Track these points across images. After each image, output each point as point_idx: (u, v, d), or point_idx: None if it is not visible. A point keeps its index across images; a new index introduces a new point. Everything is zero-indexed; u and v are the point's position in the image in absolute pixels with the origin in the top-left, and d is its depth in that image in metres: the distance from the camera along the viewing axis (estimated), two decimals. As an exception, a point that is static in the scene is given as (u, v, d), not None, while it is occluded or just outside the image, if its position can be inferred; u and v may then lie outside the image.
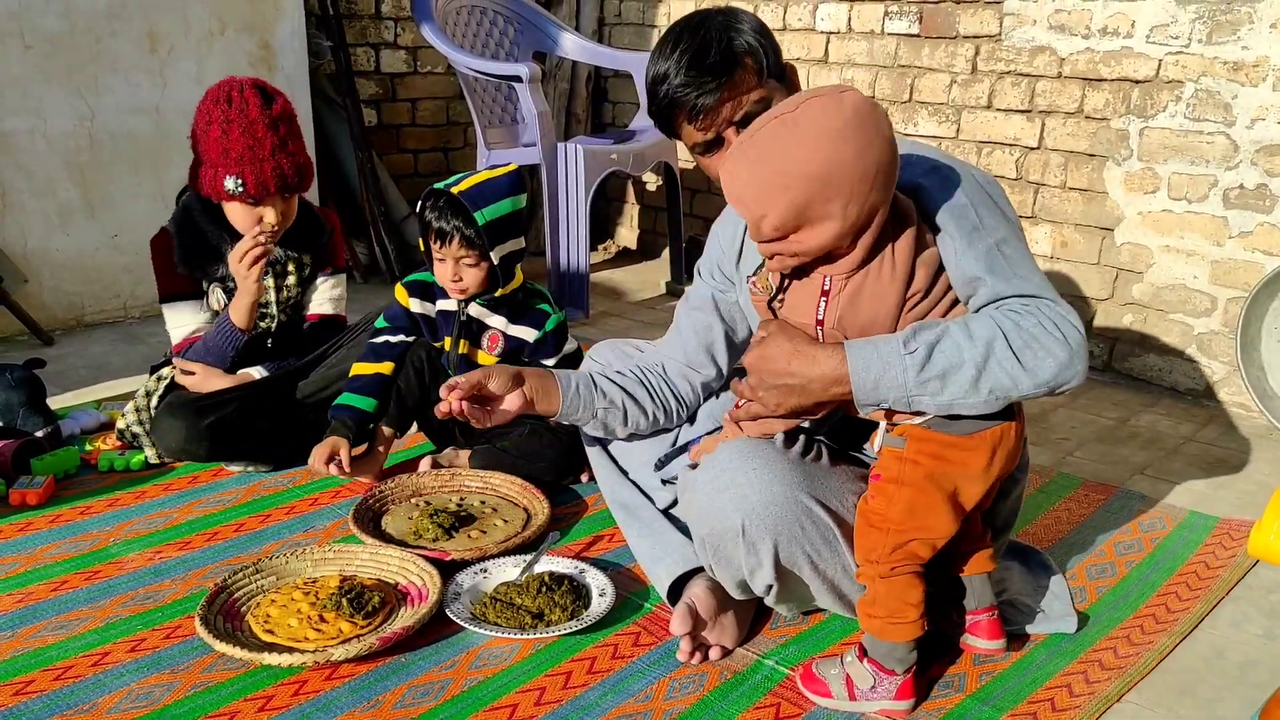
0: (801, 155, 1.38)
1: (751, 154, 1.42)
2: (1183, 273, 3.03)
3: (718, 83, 1.63)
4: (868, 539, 1.55)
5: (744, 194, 1.44)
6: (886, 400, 1.46)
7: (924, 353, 1.41)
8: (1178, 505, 2.36)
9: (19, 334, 3.28)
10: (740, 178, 1.44)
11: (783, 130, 1.40)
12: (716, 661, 1.72)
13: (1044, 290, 1.47)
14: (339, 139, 4.06)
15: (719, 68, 1.63)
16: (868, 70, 3.70)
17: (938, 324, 1.44)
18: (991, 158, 3.41)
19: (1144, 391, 3.13)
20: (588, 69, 4.60)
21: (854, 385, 1.45)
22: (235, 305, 2.37)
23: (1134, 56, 3.02)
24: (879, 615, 1.55)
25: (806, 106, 1.39)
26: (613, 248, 4.88)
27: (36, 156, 3.24)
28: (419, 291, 2.39)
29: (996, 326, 1.41)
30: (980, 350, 1.40)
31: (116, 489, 2.29)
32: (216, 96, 2.28)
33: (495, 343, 2.35)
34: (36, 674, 1.64)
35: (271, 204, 2.31)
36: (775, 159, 1.40)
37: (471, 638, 1.77)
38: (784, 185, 1.39)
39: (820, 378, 1.48)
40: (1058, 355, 1.40)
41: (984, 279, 1.46)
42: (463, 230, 2.19)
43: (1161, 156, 3.02)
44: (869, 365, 1.44)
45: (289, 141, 2.30)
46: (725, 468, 1.58)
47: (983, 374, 1.41)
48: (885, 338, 1.45)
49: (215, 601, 1.79)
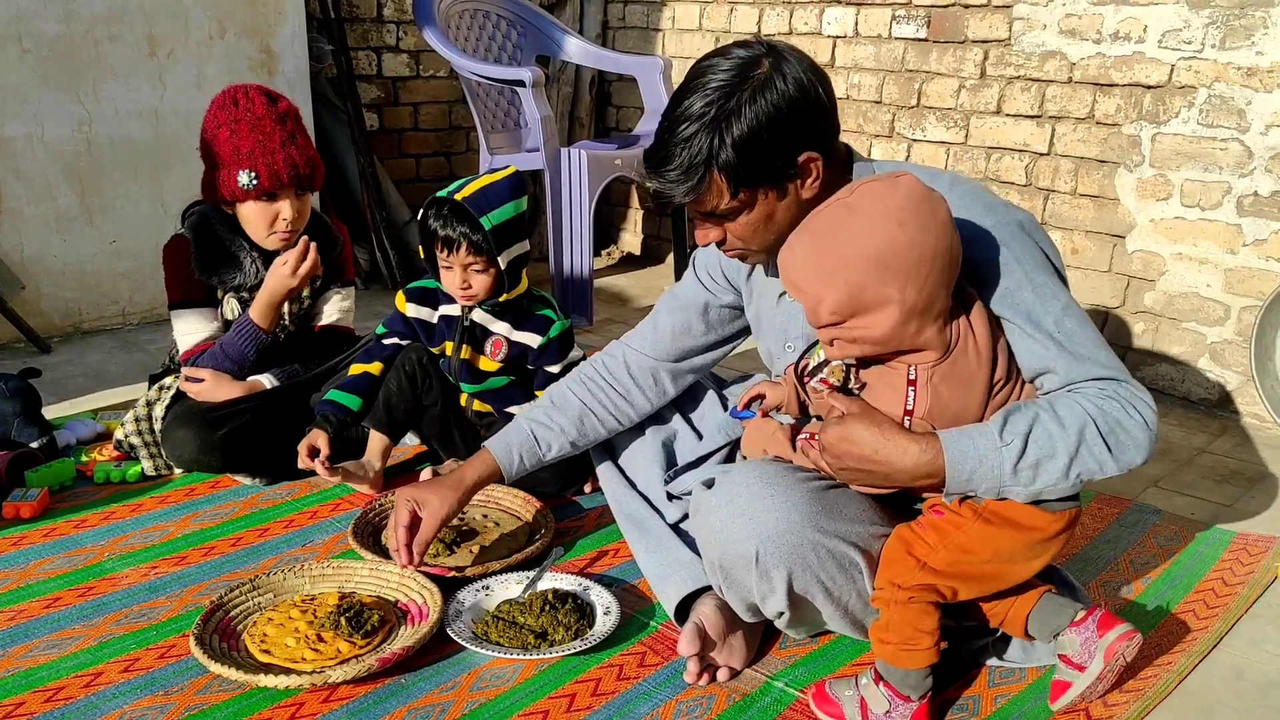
0: (858, 238, 1.38)
1: (808, 238, 1.42)
2: (1195, 281, 2.98)
3: (677, 189, 1.54)
4: (901, 565, 1.50)
5: (801, 277, 1.43)
6: (977, 490, 1.45)
7: (1020, 444, 1.41)
8: (1193, 519, 2.32)
9: (16, 341, 3.24)
10: (796, 261, 1.43)
11: (840, 214, 1.40)
12: (725, 683, 1.67)
13: (1113, 368, 1.47)
14: (340, 143, 4.02)
15: (682, 178, 1.53)
16: (874, 75, 3.66)
17: (1027, 409, 1.43)
18: (1000, 164, 3.36)
19: (1157, 401, 3.05)
20: (591, 73, 4.56)
21: (948, 478, 1.43)
22: (257, 304, 2.35)
23: (1146, 61, 2.98)
24: (891, 641, 1.51)
25: (863, 190, 1.40)
26: (616, 253, 4.84)
27: (34, 162, 3.20)
28: (418, 297, 2.36)
29: (1085, 413, 1.41)
30: (1073, 438, 1.41)
31: (112, 502, 2.25)
32: (222, 102, 2.29)
33: (499, 348, 2.32)
34: (27, 695, 1.60)
35: (286, 198, 2.30)
36: (832, 242, 1.39)
37: (473, 658, 1.72)
38: (841, 267, 1.38)
39: (909, 470, 1.45)
40: (1139, 440, 1.42)
41: (1055, 363, 1.46)
42: (469, 236, 2.16)
43: (1174, 163, 2.97)
44: (966, 458, 1.42)
45: (297, 135, 2.32)
46: (741, 493, 1.54)
47: (1074, 461, 1.41)
48: (979, 428, 1.44)
49: (211, 620, 1.74)
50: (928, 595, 1.49)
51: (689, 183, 1.52)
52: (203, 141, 2.33)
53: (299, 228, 2.36)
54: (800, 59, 1.54)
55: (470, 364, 2.32)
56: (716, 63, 1.53)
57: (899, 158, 3.64)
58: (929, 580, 1.48)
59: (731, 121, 1.49)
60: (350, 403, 2.32)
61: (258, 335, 2.36)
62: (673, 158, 1.52)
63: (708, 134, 1.50)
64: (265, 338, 2.38)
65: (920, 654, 1.50)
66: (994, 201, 1.57)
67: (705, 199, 1.55)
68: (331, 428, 2.29)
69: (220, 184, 2.30)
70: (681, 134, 1.51)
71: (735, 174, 1.51)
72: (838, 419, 1.49)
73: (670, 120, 1.54)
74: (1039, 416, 1.42)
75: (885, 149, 3.68)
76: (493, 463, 1.90)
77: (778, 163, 1.53)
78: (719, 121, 1.49)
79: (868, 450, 1.45)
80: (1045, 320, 1.47)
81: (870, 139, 3.72)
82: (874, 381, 1.50)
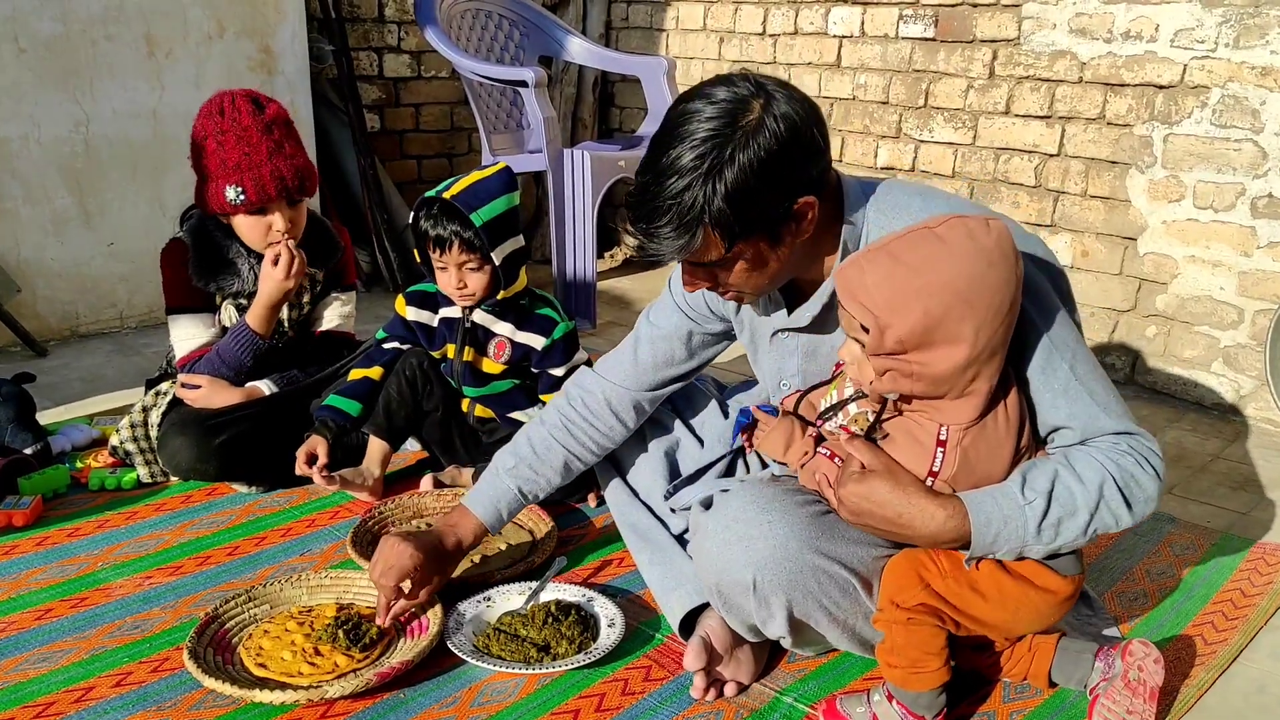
0: (946, 268, 1.31)
1: (885, 261, 1.34)
2: (1209, 284, 2.94)
3: (673, 249, 1.44)
4: (905, 582, 1.46)
5: (871, 300, 1.34)
6: (998, 552, 1.42)
7: (1042, 503, 1.38)
8: (1209, 527, 2.27)
9: (11, 345, 3.20)
10: (867, 284, 1.34)
11: (927, 241, 1.33)
12: (732, 698, 1.63)
13: (1126, 419, 1.45)
14: (341, 145, 3.98)
15: (673, 234, 1.42)
16: (881, 75, 3.62)
17: (1044, 466, 1.41)
18: (1009, 165, 3.32)
19: (1168, 406, 3.03)
20: (594, 74, 4.52)
21: (974, 543, 1.40)
22: (253, 310, 2.31)
23: (1158, 61, 2.94)
24: (898, 665, 1.47)
25: (953, 224, 1.34)
26: (620, 255, 4.79)
27: (30, 163, 3.16)
28: (418, 301, 2.33)
29: (1104, 469, 1.40)
30: (1094, 495, 1.39)
31: (107, 509, 2.21)
32: (209, 111, 2.24)
33: (502, 350, 2.28)
34: (16, 711, 1.56)
35: (277, 210, 2.26)
36: (915, 268, 1.32)
37: (474, 671, 1.68)
38: (922, 296, 1.31)
39: (933, 534, 1.41)
40: (1151, 493, 1.41)
41: (1069, 419, 1.44)
42: (460, 234, 2.12)
43: (1187, 164, 2.93)
44: (990, 521, 1.39)
45: (285, 144, 2.25)
46: (738, 518, 1.50)
47: (1093, 518, 1.40)
48: (1000, 488, 1.41)
49: (205, 632, 1.70)
50: (929, 618, 1.45)
51: (681, 240, 1.42)
52: (192, 150, 2.29)
53: (296, 235, 2.31)
54: (790, 95, 1.42)
55: (473, 367, 2.28)
56: (700, 108, 1.40)
57: (906, 159, 3.59)
58: (931, 602, 1.44)
59: (724, 172, 1.37)
60: (350, 408, 2.28)
61: (255, 341, 2.32)
62: (662, 213, 1.41)
63: (700, 187, 1.38)
64: (262, 344, 2.34)
65: (929, 675, 1.45)
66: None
67: (697, 254, 1.46)
68: (330, 434, 2.25)
69: (209, 197, 2.26)
70: (671, 189, 1.39)
71: (729, 228, 1.41)
72: (857, 473, 1.43)
73: (656, 173, 1.41)
74: (1059, 473, 1.40)
75: (892, 150, 3.63)
76: (479, 525, 1.81)
77: (772, 211, 1.42)
78: (711, 174, 1.38)
79: (890, 513, 1.41)
80: (1061, 365, 1.44)
81: (877, 140, 3.68)
82: (898, 435, 1.44)
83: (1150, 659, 1.52)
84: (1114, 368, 3.17)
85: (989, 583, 1.46)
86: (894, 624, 1.46)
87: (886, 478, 1.41)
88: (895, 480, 1.41)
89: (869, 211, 1.55)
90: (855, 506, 1.43)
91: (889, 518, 1.41)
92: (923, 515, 1.39)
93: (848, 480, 1.43)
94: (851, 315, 1.37)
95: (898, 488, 1.40)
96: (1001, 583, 1.46)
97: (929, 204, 1.53)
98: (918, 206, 1.53)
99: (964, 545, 1.42)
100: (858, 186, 1.56)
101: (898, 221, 1.50)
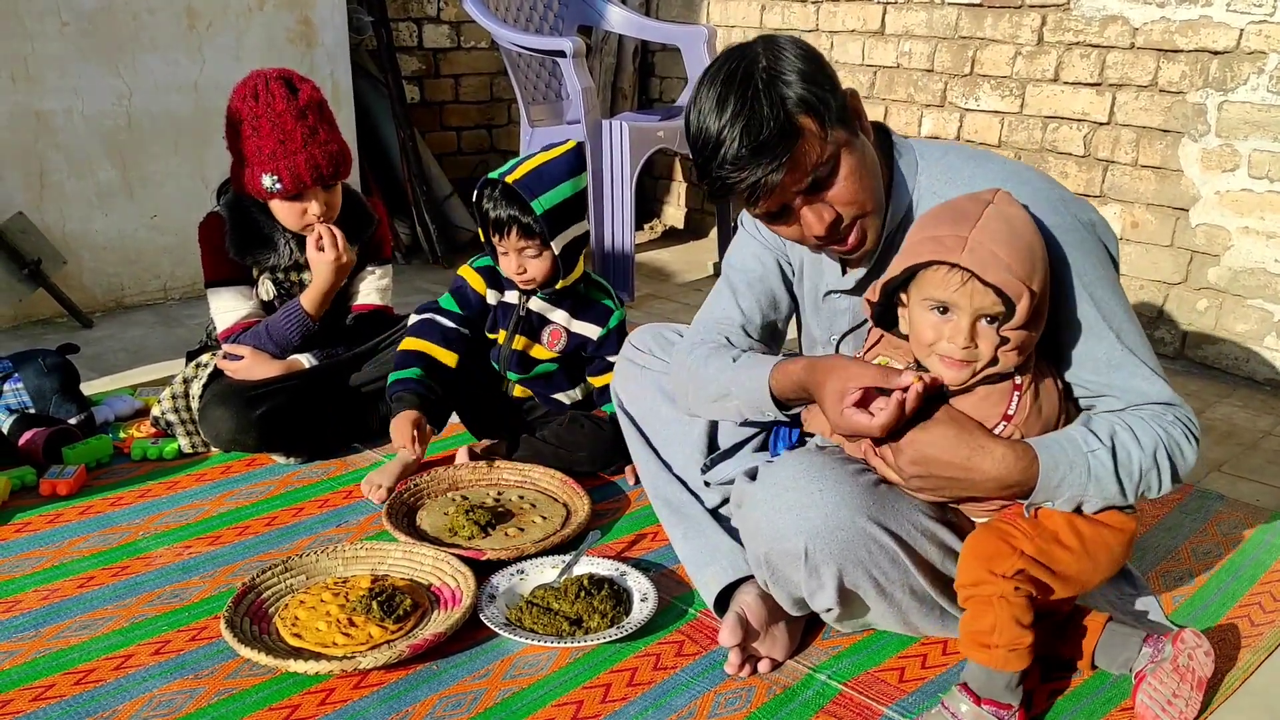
0: (1029, 235, 1.36)
1: (990, 234, 1.34)
2: (1263, 256, 2.85)
3: (778, 163, 1.38)
4: (996, 550, 1.42)
5: (1008, 273, 1.32)
6: (1056, 500, 1.42)
7: (1106, 455, 1.40)
8: (1259, 506, 2.21)
9: (59, 316, 3.25)
10: (1000, 256, 1.32)
11: (1001, 213, 1.37)
12: (765, 675, 1.62)
13: (1168, 391, 1.46)
14: (380, 116, 3.98)
15: (778, 144, 1.37)
16: (926, 42, 3.54)
17: (1102, 422, 1.43)
18: (1058, 133, 3.24)
19: (1219, 381, 2.96)
20: (635, 43, 4.47)
21: (1040, 485, 1.40)
22: (310, 293, 2.33)
23: (1213, 26, 2.84)
24: (999, 644, 1.41)
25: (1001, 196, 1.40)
26: (659, 227, 4.77)
27: (75, 136, 3.20)
28: (493, 280, 2.27)
29: (1157, 436, 1.41)
30: (1149, 458, 1.41)
31: (149, 479, 2.24)
32: (243, 94, 2.24)
33: (557, 339, 2.26)
34: (57, 677, 1.59)
35: (313, 196, 2.26)
36: (1019, 237, 1.35)
37: (506, 644, 1.68)
38: (1037, 257, 1.36)
39: (1000, 477, 1.40)
40: (1189, 461, 1.44)
41: (1117, 384, 1.45)
42: (520, 219, 2.09)
43: (1242, 132, 2.84)
44: (1058, 465, 1.39)
45: (319, 130, 2.24)
46: (789, 486, 1.48)
47: (1142, 479, 1.42)
48: (1065, 434, 1.43)
49: (242, 602, 1.72)
50: (1027, 586, 1.42)
51: (782, 136, 1.37)
52: (227, 130, 2.29)
53: (332, 216, 2.32)
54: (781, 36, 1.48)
55: (524, 354, 2.27)
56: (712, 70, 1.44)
57: (951, 129, 3.52)
58: (1026, 566, 1.42)
59: (776, 72, 1.39)
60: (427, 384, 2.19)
61: (306, 322, 2.33)
62: (747, 130, 1.37)
63: (766, 92, 1.38)
64: (314, 326, 2.35)
65: (1025, 652, 1.42)
66: (1057, 198, 1.49)
67: (803, 152, 1.39)
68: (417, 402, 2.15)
69: (246, 182, 2.26)
70: (740, 111, 1.37)
71: (815, 107, 1.39)
72: (920, 426, 1.41)
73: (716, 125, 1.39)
74: (1117, 431, 1.41)
75: (937, 119, 3.56)
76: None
77: (836, 96, 1.43)
78: (764, 78, 1.39)
79: (958, 457, 1.40)
80: (1108, 333, 1.44)
81: (921, 109, 3.61)
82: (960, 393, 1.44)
83: (1201, 650, 1.50)
84: (1164, 341, 3.10)
85: (1068, 532, 1.44)
86: (996, 597, 1.40)
87: (949, 424, 1.41)
88: (960, 426, 1.40)
89: (920, 178, 1.53)
90: (918, 454, 1.41)
91: (958, 464, 1.39)
92: (990, 458, 1.39)
93: (909, 430, 1.41)
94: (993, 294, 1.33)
95: (963, 432, 1.40)
96: (1080, 529, 1.44)
97: (982, 168, 1.50)
98: (969, 173, 1.50)
99: (1022, 495, 1.42)
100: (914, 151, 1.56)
101: (951, 189, 1.50)
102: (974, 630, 1.43)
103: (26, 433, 2.26)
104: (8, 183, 3.11)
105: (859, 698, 1.57)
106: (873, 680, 1.61)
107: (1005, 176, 1.49)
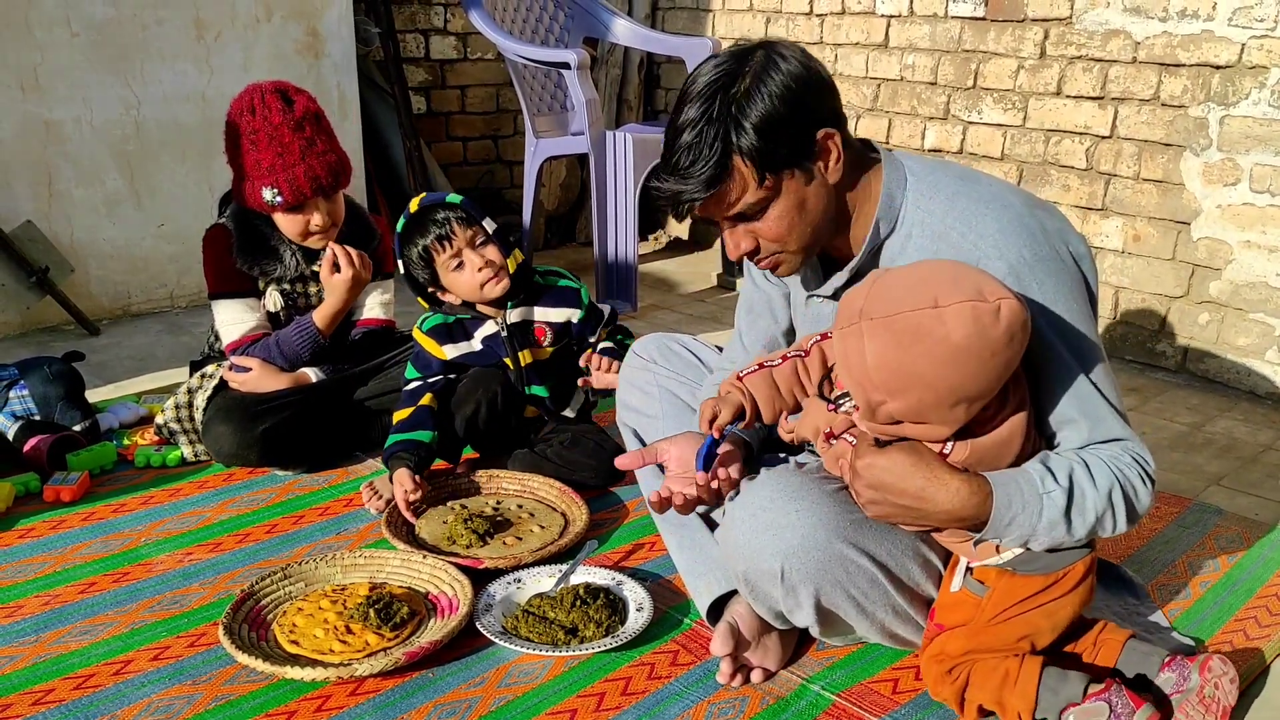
0: (945, 368, 1.26)
1: (887, 340, 1.28)
2: (1264, 270, 2.86)
3: (701, 195, 1.42)
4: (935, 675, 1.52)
5: (868, 377, 1.30)
6: (1005, 538, 1.40)
7: (1061, 496, 1.36)
8: (1257, 520, 2.22)
9: (65, 324, 3.28)
10: (865, 362, 1.29)
11: (930, 326, 1.25)
12: (759, 685, 1.62)
13: (1127, 429, 1.44)
14: (387, 127, 4.01)
15: (708, 177, 1.41)
16: (929, 55, 3.56)
17: (1061, 461, 1.39)
18: (1060, 147, 3.25)
19: (1220, 395, 2.96)
20: (640, 55, 4.49)
21: (991, 522, 1.37)
22: (323, 311, 2.35)
23: (1215, 40, 2.85)
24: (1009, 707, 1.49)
25: (959, 312, 1.24)
26: (663, 238, 4.78)
27: (83, 145, 3.23)
28: (446, 335, 2.28)
29: (1113, 476, 1.39)
30: (1104, 499, 1.38)
31: (151, 486, 2.26)
32: (240, 108, 2.26)
33: (544, 335, 2.31)
34: (57, 682, 1.60)
35: (314, 207, 2.28)
36: (914, 358, 1.26)
37: (502, 653, 1.69)
38: (918, 387, 1.28)
39: (952, 511, 1.36)
40: (1144, 501, 1.41)
41: (1078, 420, 1.42)
42: (452, 213, 2.17)
43: (1243, 146, 2.84)
44: (1011, 503, 1.36)
45: (317, 140, 2.26)
46: (766, 507, 1.49)
47: (1099, 521, 1.39)
48: (1022, 473, 1.38)
49: (241, 609, 1.73)
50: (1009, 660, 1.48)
51: (712, 173, 1.41)
52: (226, 143, 2.31)
53: (336, 224, 2.34)
54: (792, 46, 1.45)
55: (531, 365, 2.31)
56: (705, 67, 1.44)
57: (954, 141, 3.53)
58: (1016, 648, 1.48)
59: (744, 105, 1.39)
60: (422, 437, 2.17)
61: (317, 339, 2.35)
62: (688, 150, 1.41)
63: (721, 122, 1.39)
64: (325, 342, 2.36)
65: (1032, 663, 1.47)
66: (1037, 226, 1.45)
67: (730, 190, 1.43)
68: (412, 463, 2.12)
69: (247, 195, 2.29)
70: (694, 128, 1.40)
71: (757, 157, 1.40)
72: (873, 450, 1.38)
73: (676, 125, 1.43)
74: (1074, 471, 1.37)
75: (940, 132, 3.58)
76: None
77: (798, 141, 1.42)
78: (729, 106, 1.39)
79: (911, 485, 1.35)
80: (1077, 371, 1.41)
81: (924, 121, 3.62)
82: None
83: (1227, 678, 1.49)
84: (1165, 355, 3.10)
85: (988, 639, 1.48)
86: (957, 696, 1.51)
87: (909, 452, 1.37)
88: (918, 455, 1.36)
89: (909, 192, 1.52)
90: (874, 479, 1.37)
91: (910, 492, 1.36)
92: (945, 490, 1.35)
93: (865, 452, 1.39)
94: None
95: (918, 458, 1.36)
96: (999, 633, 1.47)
97: (968, 186, 1.50)
98: (953, 189, 1.50)
99: (974, 529, 1.39)
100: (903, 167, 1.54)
101: (934, 202, 1.49)
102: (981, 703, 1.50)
103: (31, 439, 2.28)
104: (16, 191, 3.14)
105: (852, 709, 1.58)
106: (866, 691, 1.61)
107: (989, 198, 1.46)
